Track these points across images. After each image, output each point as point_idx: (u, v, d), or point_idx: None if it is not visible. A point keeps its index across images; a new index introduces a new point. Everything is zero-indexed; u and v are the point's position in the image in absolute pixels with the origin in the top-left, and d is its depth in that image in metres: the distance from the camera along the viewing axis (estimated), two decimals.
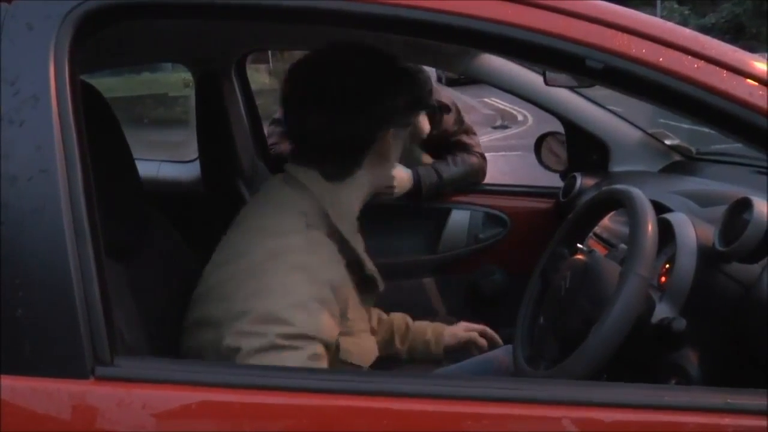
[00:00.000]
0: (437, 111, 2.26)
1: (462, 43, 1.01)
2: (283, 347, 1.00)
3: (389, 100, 1.13)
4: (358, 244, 1.18)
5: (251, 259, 1.05)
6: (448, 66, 2.26)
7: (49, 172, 0.82)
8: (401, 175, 2.16)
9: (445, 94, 2.28)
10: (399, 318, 1.56)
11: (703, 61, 0.88)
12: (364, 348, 1.17)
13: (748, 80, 0.89)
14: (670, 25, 0.93)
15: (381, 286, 1.19)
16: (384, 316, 1.55)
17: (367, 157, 1.15)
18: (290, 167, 1.17)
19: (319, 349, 1.04)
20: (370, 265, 1.17)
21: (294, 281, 1.02)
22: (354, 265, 1.17)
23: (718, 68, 0.89)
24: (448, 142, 2.32)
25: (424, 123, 2.25)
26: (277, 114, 2.42)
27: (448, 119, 2.29)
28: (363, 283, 1.21)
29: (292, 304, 1.02)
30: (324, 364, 1.05)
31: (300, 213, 1.10)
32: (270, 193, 1.16)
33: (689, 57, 0.89)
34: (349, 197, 1.17)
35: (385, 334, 1.53)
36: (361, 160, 1.15)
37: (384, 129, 1.14)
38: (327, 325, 1.05)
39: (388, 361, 1.66)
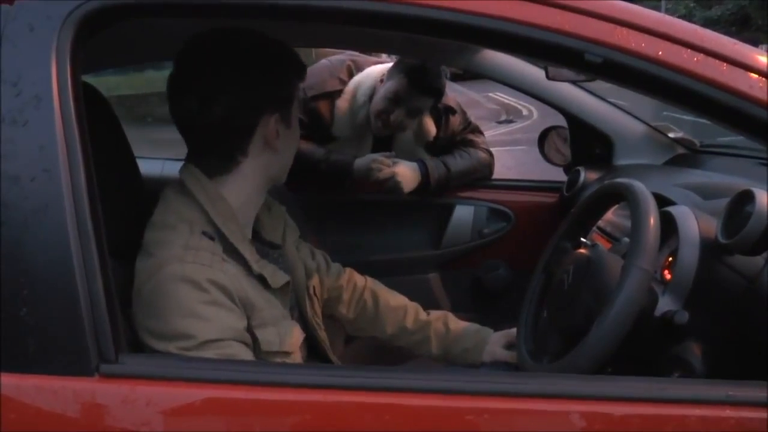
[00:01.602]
0: (443, 113, 2.26)
1: (459, 39, 1.01)
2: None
3: (265, 84, 1.12)
4: (244, 244, 1.14)
5: (138, 279, 1.04)
6: (449, 62, 2.25)
7: (51, 171, 0.83)
8: (406, 172, 2.16)
9: (450, 94, 2.28)
10: (438, 320, 1.52)
11: (702, 54, 0.88)
12: (285, 334, 1.14)
13: (749, 73, 0.88)
14: (669, 18, 0.93)
15: (273, 285, 1.16)
16: (423, 315, 1.52)
17: (252, 144, 1.14)
18: (180, 171, 1.17)
19: (233, 347, 1.03)
20: (256, 266, 1.13)
21: (176, 292, 1.01)
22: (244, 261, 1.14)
23: (717, 61, 0.88)
24: (455, 142, 2.33)
25: (430, 125, 2.25)
26: None
27: (455, 120, 2.30)
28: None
29: (183, 315, 1.01)
30: (246, 358, 1.05)
31: (182, 221, 1.09)
32: (160, 203, 1.14)
33: (689, 50, 0.89)
34: (234, 192, 1.14)
35: (420, 335, 1.50)
36: (245, 147, 1.14)
37: (263, 113, 1.13)
38: (227, 322, 1.04)
39: (393, 356, 1.67)
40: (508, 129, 11.00)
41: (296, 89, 1.19)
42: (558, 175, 2.39)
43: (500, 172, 2.43)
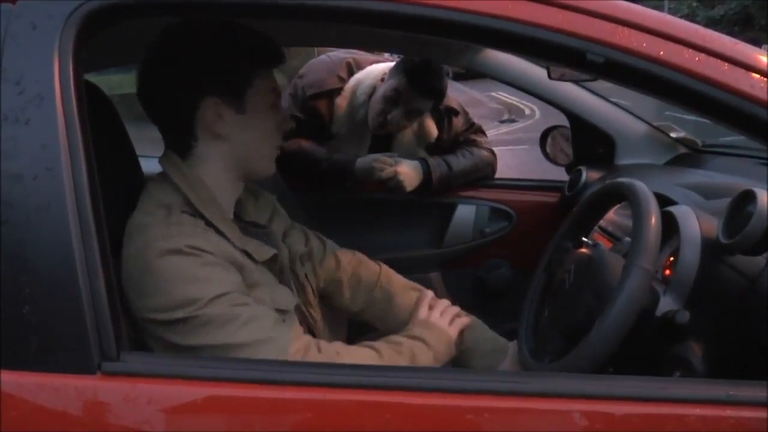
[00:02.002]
0: (444, 115, 2.26)
1: (462, 38, 1.01)
2: (204, 315, 1.01)
3: (206, 66, 1.11)
4: (225, 223, 1.14)
5: (126, 265, 1.05)
6: (453, 61, 2.25)
7: (54, 170, 0.83)
8: (408, 171, 2.16)
9: (451, 94, 2.27)
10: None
11: (704, 54, 0.88)
12: (277, 296, 1.16)
13: (750, 72, 0.88)
14: (670, 18, 0.93)
15: (258, 258, 1.16)
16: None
17: (197, 127, 1.14)
18: (160, 159, 1.18)
19: (242, 298, 1.05)
20: (238, 243, 1.13)
21: (169, 265, 1.02)
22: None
23: (719, 61, 0.88)
24: (458, 142, 2.32)
25: (431, 127, 2.25)
26: None
27: (457, 122, 2.29)
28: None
29: (183, 282, 1.02)
30: (255, 307, 1.06)
31: (161, 206, 1.10)
32: (143, 194, 1.15)
33: (690, 50, 0.89)
34: (205, 174, 1.15)
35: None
36: (191, 129, 1.14)
37: (202, 95, 1.11)
38: (226, 276, 1.06)
39: None
40: (510, 128, 10.99)
41: (255, 75, 1.15)
42: (560, 174, 2.39)
43: (502, 171, 2.43)
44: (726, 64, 0.88)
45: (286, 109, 2.20)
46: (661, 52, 0.88)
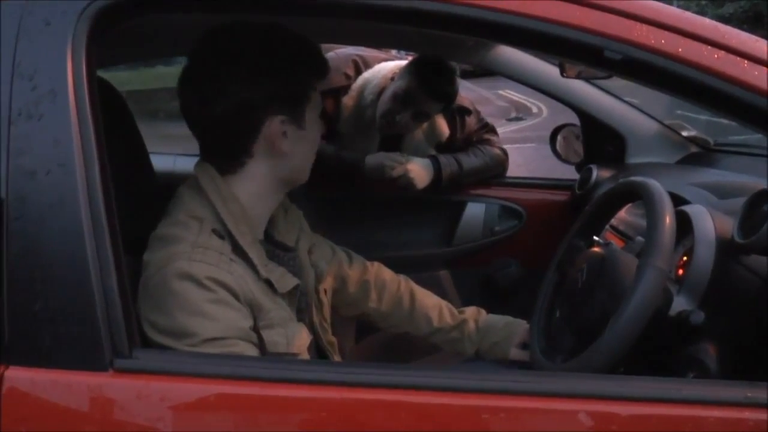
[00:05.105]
0: (456, 114, 2.25)
1: (479, 35, 1.01)
2: None
3: (269, 84, 1.08)
4: (254, 246, 1.11)
5: (146, 272, 1.04)
6: (463, 58, 2.24)
7: (66, 166, 0.83)
8: (419, 169, 2.15)
9: (462, 93, 2.26)
10: (471, 318, 1.51)
11: (723, 52, 0.88)
12: (293, 336, 1.12)
13: None
14: (689, 15, 0.92)
15: (280, 289, 1.13)
16: (457, 314, 1.51)
17: (257, 145, 1.10)
18: (195, 167, 1.15)
19: (238, 346, 1.02)
20: (263, 270, 1.10)
21: (182, 289, 1.00)
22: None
23: (738, 58, 0.88)
24: (470, 142, 2.31)
25: (442, 126, 2.23)
26: None
27: (470, 121, 2.28)
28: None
29: (188, 313, 1.00)
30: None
31: (192, 218, 1.08)
32: (174, 199, 1.13)
33: (709, 47, 0.88)
34: (244, 192, 1.12)
35: (456, 333, 1.49)
36: (249, 148, 1.10)
37: (267, 114, 1.08)
38: (232, 321, 1.03)
39: (403, 353, 1.67)
40: (517, 126, 10.97)
41: (311, 89, 1.14)
42: (568, 172, 2.38)
43: (511, 169, 2.42)
44: (746, 61, 0.87)
45: None
46: (680, 49, 0.87)
